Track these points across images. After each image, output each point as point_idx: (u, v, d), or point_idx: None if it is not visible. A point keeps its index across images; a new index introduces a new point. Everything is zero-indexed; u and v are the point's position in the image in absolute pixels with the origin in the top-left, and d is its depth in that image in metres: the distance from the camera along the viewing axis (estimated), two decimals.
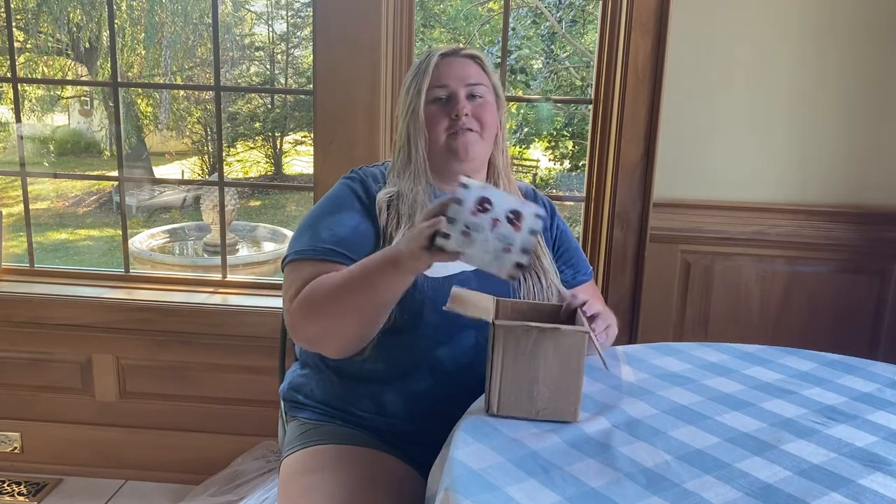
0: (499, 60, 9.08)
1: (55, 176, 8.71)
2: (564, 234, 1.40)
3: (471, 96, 1.25)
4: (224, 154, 3.28)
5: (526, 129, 11.56)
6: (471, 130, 1.24)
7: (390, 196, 1.24)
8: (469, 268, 1.21)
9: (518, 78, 10.80)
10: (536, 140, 12.05)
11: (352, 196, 1.26)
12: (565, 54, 10.95)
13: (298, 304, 1.13)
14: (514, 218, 0.94)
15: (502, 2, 3.55)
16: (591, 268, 1.44)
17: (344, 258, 1.17)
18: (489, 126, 1.26)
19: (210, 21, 2.29)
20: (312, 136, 2.09)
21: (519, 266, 0.95)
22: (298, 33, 13.05)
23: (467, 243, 0.94)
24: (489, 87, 1.29)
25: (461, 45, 1.30)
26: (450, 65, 1.26)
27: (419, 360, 1.20)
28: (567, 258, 1.38)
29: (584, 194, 2.13)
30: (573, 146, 11.37)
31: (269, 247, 8.47)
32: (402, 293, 1.08)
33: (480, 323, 1.17)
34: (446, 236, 0.93)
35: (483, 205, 0.93)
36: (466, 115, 1.23)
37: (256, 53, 13.59)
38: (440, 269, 1.19)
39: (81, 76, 12.43)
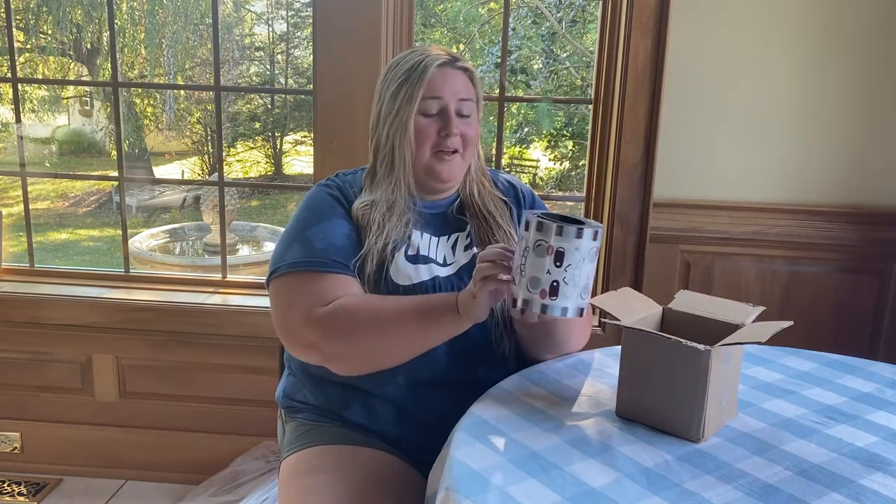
0: (499, 60, 9.07)
1: (55, 176, 8.71)
2: None
3: (459, 114, 1.22)
4: (224, 154, 3.29)
5: (526, 129, 11.56)
6: (455, 152, 1.22)
7: (365, 205, 1.22)
8: (442, 273, 1.21)
9: (518, 78, 10.80)
10: (536, 140, 12.05)
11: (334, 203, 1.23)
12: (565, 54, 10.95)
13: (324, 320, 1.09)
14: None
15: (502, 2, 3.55)
16: None
17: (345, 268, 1.16)
18: (472, 144, 1.24)
19: (210, 21, 2.29)
20: (312, 136, 2.09)
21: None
22: (298, 33, 13.05)
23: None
24: (475, 101, 1.26)
25: (455, 55, 1.26)
26: (445, 76, 1.22)
27: (395, 368, 1.18)
28: None
29: (584, 194, 2.13)
30: (573, 146, 11.37)
31: (269, 247, 8.47)
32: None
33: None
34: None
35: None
36: (455, 135, 1.21)
37: (256, 53, 13.60)
38: (411, 275, 1.19)
39: (82, 76, 12.43)
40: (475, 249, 1.25)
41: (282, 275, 1.16)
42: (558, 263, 0.95)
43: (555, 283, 0.96)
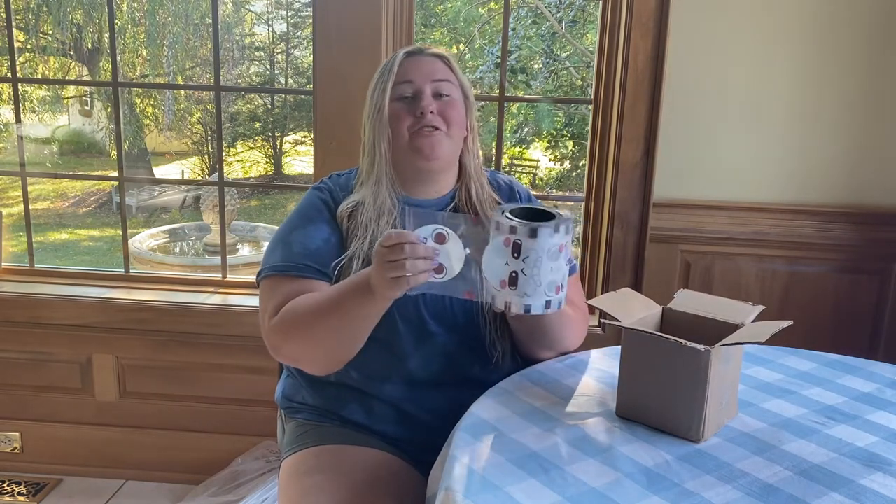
0: (499, 60, 9.07)
1: (55, 176, 8.72)
2: None
3: (437, 95, 1.21)
4: (224, 154, 3.29)
5: (526, 129, 11.57)
6: (437, 129, 1.19)
7: (351, 206, 1.21)
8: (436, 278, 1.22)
9: (518, 78, 10.81)
10: (536, 140, 12.06)
11: (321, 207, 1.24)
12: (565, 54, 10.95)
13: (277, 324, 1.13)
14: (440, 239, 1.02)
15: (502, 2, 3.55)
16: (574, 262, 1.34)
17: (317, 272, 1.17)
18: (456, 123, 1.21)
19: (210, 21, 2.30)
20: (312, 136, 2.09)
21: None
22: (298, 33, 13.06)
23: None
24: (456, 85, 1.24)
25: (427, 46, 1.27)
26: (416, 62, 1.23)
27: (389, 368, 1.19)
28: None
29: (584, 194, 2.12)
30: (573, 146, 11.38)
31: None
32: (379, 317, 1.09)
33: (446, 328, 1.19)
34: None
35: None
36: (432, 112, 1.19)
37: (256, 53, 13.61)
38: None
39: (82, 76, 12.44)
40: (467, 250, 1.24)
41: (263, 278, 1.20)
42: (516, 255, 0.96)
43: (513, 274, 0.97)
